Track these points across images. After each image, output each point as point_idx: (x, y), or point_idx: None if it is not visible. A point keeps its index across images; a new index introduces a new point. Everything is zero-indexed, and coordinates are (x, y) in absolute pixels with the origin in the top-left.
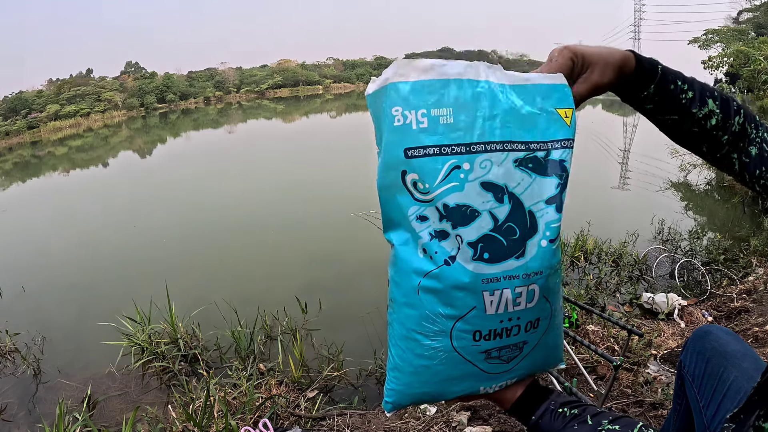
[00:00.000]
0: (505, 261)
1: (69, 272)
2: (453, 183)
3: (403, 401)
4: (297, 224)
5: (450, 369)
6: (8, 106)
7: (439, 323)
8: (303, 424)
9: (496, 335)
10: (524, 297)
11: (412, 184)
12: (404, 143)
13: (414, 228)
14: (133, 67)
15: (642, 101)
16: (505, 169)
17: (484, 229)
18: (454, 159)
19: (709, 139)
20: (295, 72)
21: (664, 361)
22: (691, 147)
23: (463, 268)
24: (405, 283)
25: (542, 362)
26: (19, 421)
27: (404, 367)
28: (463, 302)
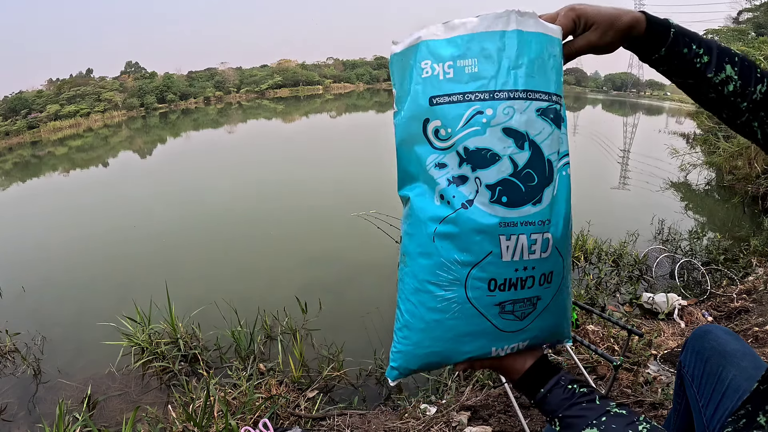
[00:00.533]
0: (522, 206)
1: (69, 272)
2: (475, 127)
3: (410, 364)
4: (297, 224)
5: (463, 323)
6: (8, 106)
7: (455, 271)
8: (303, 424)
9: (511, 285)
10: (539, 245)
11: (434, 132)
12: (430, 92)
13: (432, 176)
14: (133, 67)
15: (655, 63)
16: (527, 116)
17: (504, 173)
18: (477, 105)
19: (727, 106)
20: (295, 72)
21: (664, 361)
22: (712, 111)
23: (480, 210)
24: (420, 232)
25: (552, 328)
26: (19, 421)
27: (414, 323)
28: (479, 247)
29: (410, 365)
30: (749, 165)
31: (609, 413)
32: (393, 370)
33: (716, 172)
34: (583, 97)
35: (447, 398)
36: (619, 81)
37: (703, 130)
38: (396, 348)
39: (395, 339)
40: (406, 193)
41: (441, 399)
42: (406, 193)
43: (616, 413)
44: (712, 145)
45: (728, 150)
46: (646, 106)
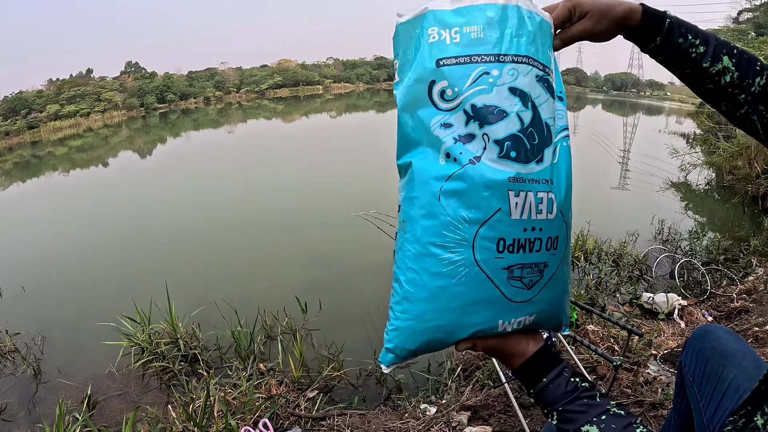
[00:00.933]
0: (528, 163)
1: (69, 272)
2: (482, 86)
3: (408, 343)
4: (297, 224)
5: (470, 290)
6: (8, 106)
7: (462, 230)
8: (303, 424)
9: (520, 247)
10: (545, 205)
11: (439, 94)
12: (437, 55)
13: (437, 136)
14: (133, 67)
15: (652, 52)
16: (529, 80)
17: (512, 129)
18: (483, 66)
19: (725, 97)
20: (295, 72)
21: (664, 361)
22: (711, 103)
23: (489, 166)
24: (423, 193)
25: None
26: (19, 421)
27: (416, 293)
28: (488, 203)
29: (409, 344)
30: (749, 165)
31: (609, 412)
32: (388, 353)
33: (716, 172)
34: (583, 97)
35: (447, 398)
36: (619, 81)
37: (703, 130)
38: (393, 325)
39: (392, 316)
40: (407, 159)
41: (441, 399)
42: (406, 160)
43: (616, 413)
44: (712, 145)
45: (728, 150)
46: (646, 106)
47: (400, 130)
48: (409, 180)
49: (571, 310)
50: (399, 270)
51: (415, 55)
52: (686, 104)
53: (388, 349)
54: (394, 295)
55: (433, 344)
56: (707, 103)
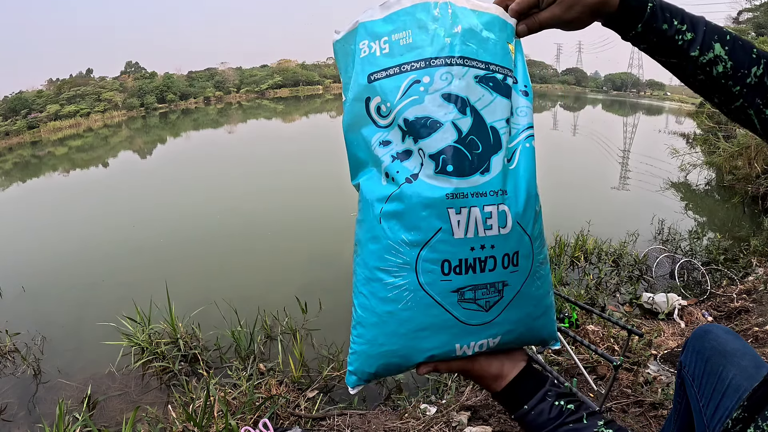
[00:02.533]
0: (470, 176)
1: (69, 272)
2: (412, 97)
3: (366, 366)
4: (297, 224)
5: (418, 315)
6: (8, 106)
7: (403, 253)
8: (303, 424)
9: (468, 267)
10: (495, 219)
11: (376, 110)
12: (368, 70)
13: (377, 155)
14: (133, 67)
15: (634, 40)
16: (466, 82)
17: (448, 140)
18: (413, 74)
19: (718, 89)
20: (295, 72)
21: (664, 361)
22: (703, 95)
23: (425, 183)
24: (368, 215)
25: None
26: (19, 421)
27: (367, 318)
28: (427, 223)
29: (367, 367)
30: (749, 165)
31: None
32: (350, 375)
33: (716, 172)
34: (583, 97)
35: (447, 398)
36: (619, 81)
37: (703, 130)
38: (352, 349)
39: (351, 339)
40: (358, 179)
41: (441, 399)
42: (358, 180)
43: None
44: (712, 145)
45: (728, 150)
46: (646, 106)
47: (348, 149)
48: (359, 201)
49: (571, 310)
50: (354, 294)
51: (352, 73)
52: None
53: (350, 372)
54: (353, 319)
55: (390, 368)
56: (699, 94)
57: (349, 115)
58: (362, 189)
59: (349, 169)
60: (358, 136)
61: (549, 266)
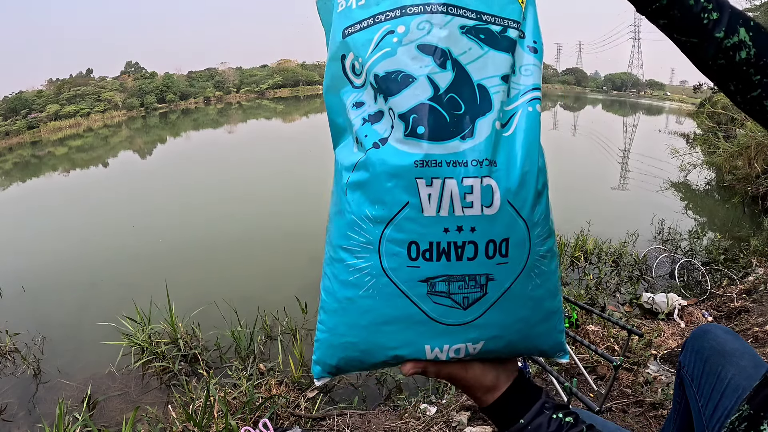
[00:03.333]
0: (448, 140)
1: (69, 272)
2: (384, 49)
3: (328, 357)
4: (297, 223)
5: (381, 305)
6: (8, 106)
7: (366, 231)
8: (303, 424)
9: (441, 253)
10: (477, 195)
11: (351, 68)
12: (343, 24)
13: (350, 118)
14: (133, 67)
15: (654, 14)
16: (448, 32)
17: (420, 97)
18: (387, 24)
19: (737, 75)
20: (295, 72)
21: (664, 361)
22: (716, 81)
23: (393, 149)
24: (336, 187)
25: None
26: (19, 421)
27: (329, 303)
28: (392, 196)
29: (329, 359)
30: (749, 165)
31: None
32: (315, 365)
33: (716, 172)
34: (583, 97)
35: (447, 398)
36: (619, 81)
37: (703, 130)
38: (316, 336)
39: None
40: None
41: (441, 399)
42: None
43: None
44: (712, 145)
45: (728, 150)
46: (646, 106)
47: (329, 116)
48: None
49: (571, 310)
50: (322, 276)
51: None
52: (686, 104)
53: (315, 361)
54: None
55: (351, 363)
56: (711, 79)
57: (327, 76)
58: (337, 158)
59: (331, 138)
60: (336, 99)
61: (556, 263)
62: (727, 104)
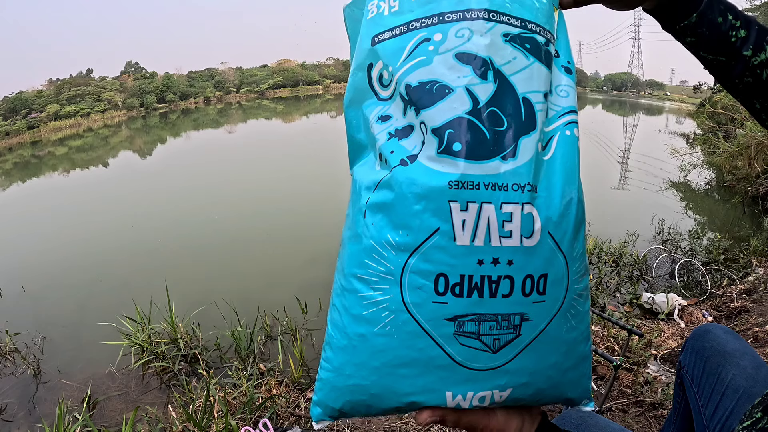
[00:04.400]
0: (487, 160)
1: (69, 272)
2: (419, 58)
3: (331, 401)
4: (297, 223)
5: (398, 345)
6: (8, 106)
7: (388, 259)
8: (303, 424)
9: (474, 288)
10: (517, 223)
11: (378, 79)
12: (373, 31)
13: (373, 133)
14: (133, 67)
15: (682, 32)
16: (490, 39)
17: (457, 110)
18: (423, 32)
19: (764, 93)
20: (295, 72)
21: (664, 361)
22: (741, 98)
23: (424, 167)
24: (354, 209)
25: (555, 375)
26: (19, 421)
27: (337, 339)
28: (420, 221)
29: (331, 401)
30: (749, 165)
31: None
32: (315, 406)
33: (716, 172)
34: (583, 97)
35: None
36: (619, 81)
37: (703, 130)
38: (319, 374)
39: (320, 362)
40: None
41: None
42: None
43: None
44: (712, 145)
45: (728, 150)
46: (646, 106)
47: (348, 131)
48: (351, 194)
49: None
50: (330, 307)
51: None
52: (686, 104)
53: (314, 402)
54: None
55: (358, 408)
56: (737, 97)
57: (351, 88)
58: (354, 176)
59: (348, 155)
60: (357, 113)
61: (589, 303)
62: (728, 104)
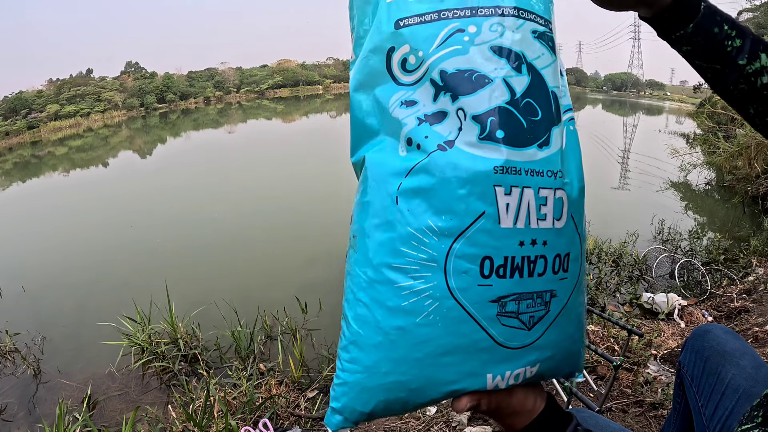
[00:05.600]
0: (526, 147)
1: (69, 272)
2: (454, 46)
3: (360, 404)
4: (297, 223)
5: (443, 333)
6: (8, 106)
7: (429, 246)
8: (303, 424)
9: (515, 269)
10: (551, 207)
11: (400, 64)
12: (397, 15)
13: (396, 118)
14: (133, 67)
15: (678, 41)
16: (522, 35)
17: (498, 99)
18: (455, 22)
19: (758, 100)
20: (295, 72)
21: (664, 361)
22: (735, 105)
23: (466, 152)
24: (378, 196)
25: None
26: (19, 421)
27: (367, 336)
28: (466, 205)
29: (360, 405)
30: (749, 165)
31: None
32: (334, 414)
33: (716, 172)
34: (583, 97)
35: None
36: (619, 81)
37: (703, 130)
38: (339, 378)
39: (338, 365)
40: (362, 154)
41: None
42: (361, 155)
43: None
44: (712, 145)
45: (728, 150)
46: (646, 106)
47: (354, 117)
48: (362, 180)
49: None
50: (347, 304)
51: (371, 24)
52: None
53: (334, 409)
54: (342, 338)
55: (393, 406)
56: (729, 103)
57: (361, 71)
58: (369, 163)
59: (351, 141)
60: (369, 98)
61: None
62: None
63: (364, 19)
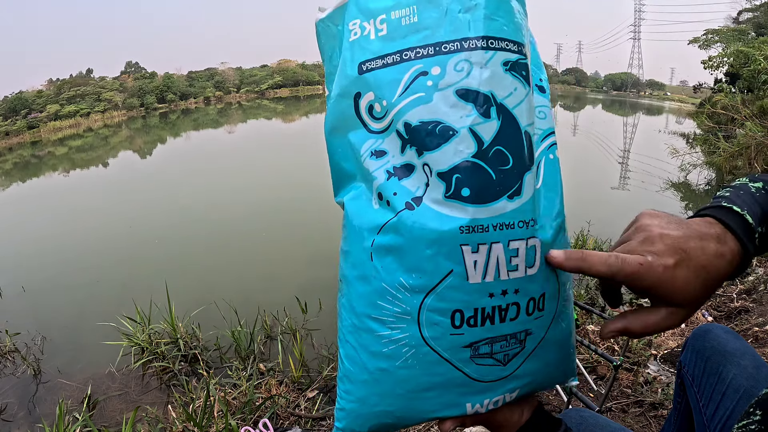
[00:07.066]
0: (494, 202)
1: (69, 272)
2: (418, 94)
3: (357, 427)
4: (297, 223)
5: (420, 374)
6: (8, 106)
7: (402, 301)
8: (303, 424)
9: (486, 318)
10: (522, 257)
11: (368, 110)
12: (359, 57)
13: (367, 169)
14: (133, 67)
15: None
16: (491, 72)
17: (463, 153)
18: (418, 64)
19: None
20: (295, 72)
21: (664, 361)
22: None
23: (432, 211)
24: (356, 248)
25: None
26: (19, 421)
27: (356, 374)
28: (434, 264)
29: (357, 427)
30: (749, 165)
31: None
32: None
33: (716, 172)
34: (583, 97)
35: None
36: (619, 81)
37: (703, 130)
38: (339, 404)
39: (338, 392)
40: (342, 196)
41: None
42: (341, 197)
43: None
44: (712, 145)
45: (728, 150)
46: (646, 106)
47: (331, 159)
48: (344, 225)
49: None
50: (339, 342)
51: (338, 61)
52: (686, 104)
53: (338, 429)
54: (340, 367)
55: (386, 428)
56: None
57: (332, 115)
58: (347, 211)
59: (332, 182)
60: (343, 142)
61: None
62: (727, 104)
63: (332, 54)
